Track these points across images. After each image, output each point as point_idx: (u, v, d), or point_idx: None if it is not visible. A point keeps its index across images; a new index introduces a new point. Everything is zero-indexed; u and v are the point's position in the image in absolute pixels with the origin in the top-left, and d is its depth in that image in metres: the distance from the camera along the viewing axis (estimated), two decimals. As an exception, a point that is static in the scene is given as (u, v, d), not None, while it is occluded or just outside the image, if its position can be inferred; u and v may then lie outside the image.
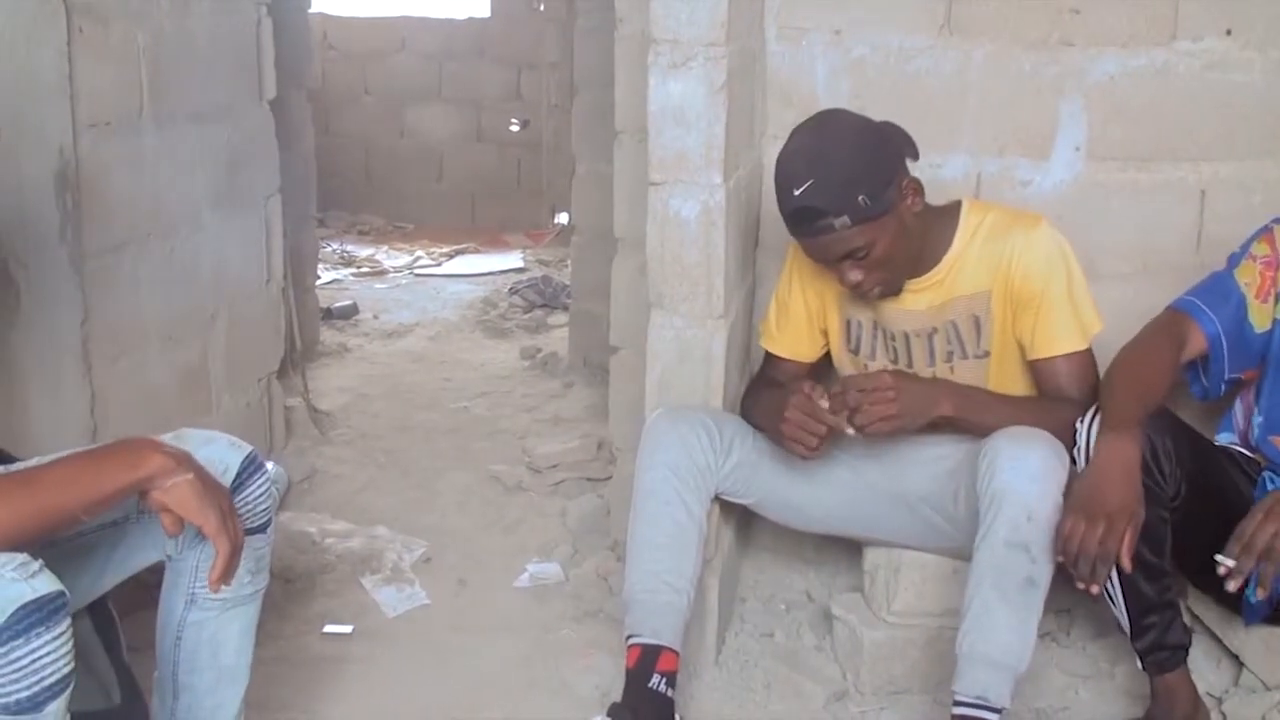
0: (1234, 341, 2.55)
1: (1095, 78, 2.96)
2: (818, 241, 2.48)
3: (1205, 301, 2.56)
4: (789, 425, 2.51)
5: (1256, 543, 2.14)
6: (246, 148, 3.75)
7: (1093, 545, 2.18)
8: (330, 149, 8.48)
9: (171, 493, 1.82)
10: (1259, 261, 2.55)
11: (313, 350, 5.43)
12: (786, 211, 2.47)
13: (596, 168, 4.77)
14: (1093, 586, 2.22)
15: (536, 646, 2.97)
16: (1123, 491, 2.22)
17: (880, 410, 2.42)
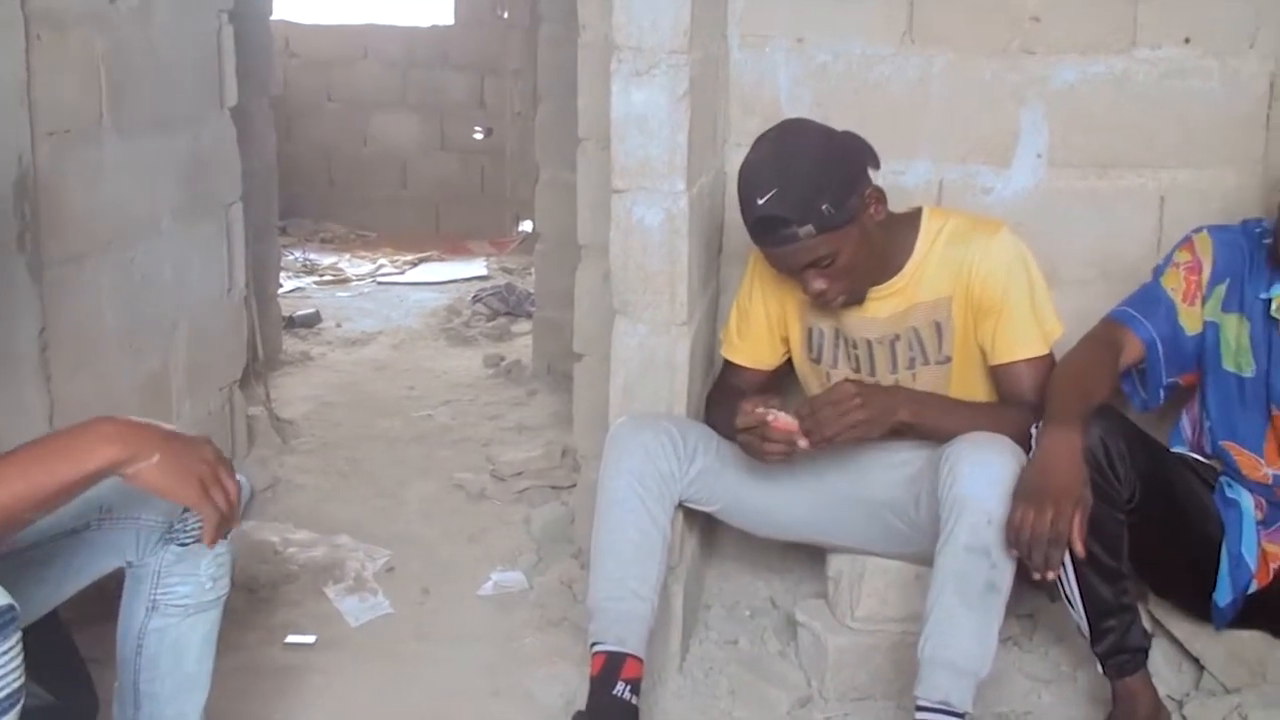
0: (1169, 345, 2.61)
1: (1056, 85, 2.99)
2: (782, 251, 2.48)
3: (1138, 310, 2.63)
4: (745, 447, 2.52)
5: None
6: (208, 156, 3.73)
7: (1043, 530, 2.20)
8: (293, 157, 8.44)
9: (139, 479, 1.74)
10: (1182, 268, 2.63)
11: (275, 359, 5.40)
12: (750, 221, 2.47)
13: (560, 175, 4.77)
14: (1048, 573, 2.24)
15: (500, 655, 2.96)
16: (1068, 477, 2.25)
17: (851, 419, 2.43)
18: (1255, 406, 2.57)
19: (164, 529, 2.05)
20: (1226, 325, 2.58)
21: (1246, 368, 2.57)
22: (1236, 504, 2.57)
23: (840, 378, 2.73)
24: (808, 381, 2.85)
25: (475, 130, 9.31)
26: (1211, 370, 2.62)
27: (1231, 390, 2.60)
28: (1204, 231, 2.64)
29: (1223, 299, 2.58)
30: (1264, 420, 2.56)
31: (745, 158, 2.51)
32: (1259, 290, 2.55)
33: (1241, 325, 2.57)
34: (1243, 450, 2.59)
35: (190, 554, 2.06)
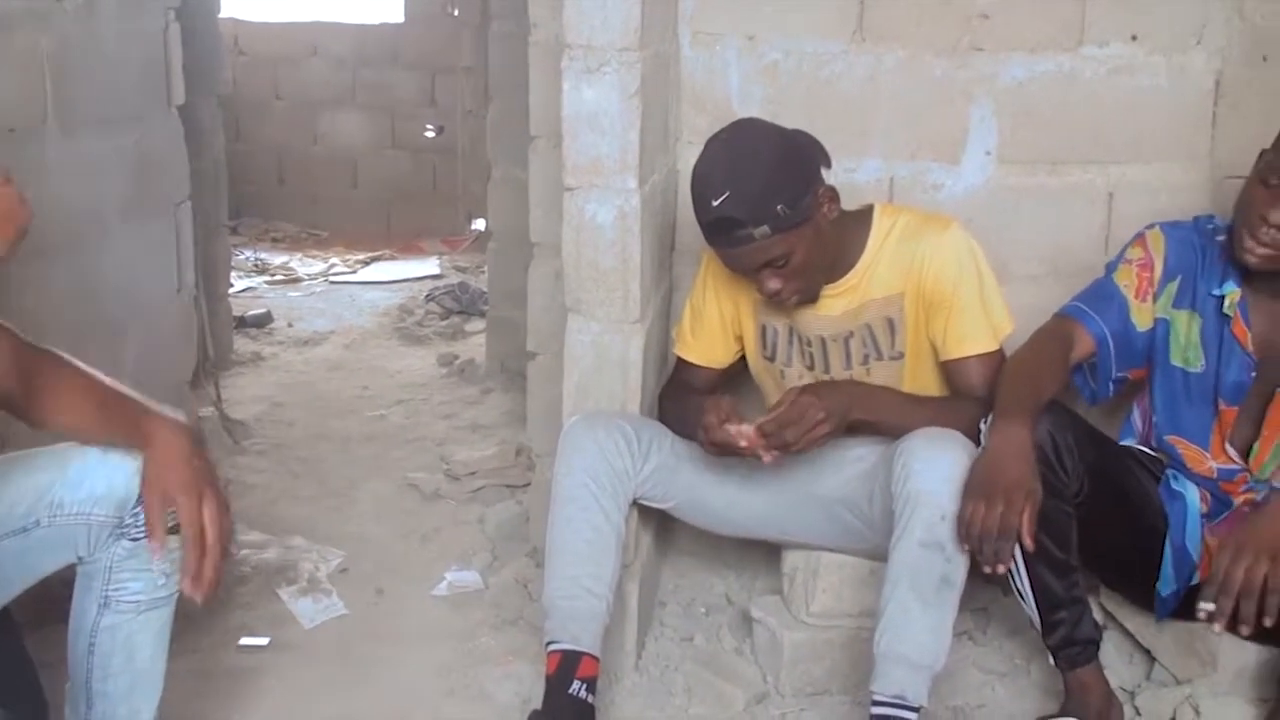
0: (1120, 341, 2.62)
1: (1005, 82, 3.01)
2: (737, 252, 2.49)
3: (1090, 306, 2.64)
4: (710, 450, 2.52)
5: (1232, 583, 2.14)
6: (155, 155, 3.70)
7: (993, 524, 2.22)
8: (242, 156, 8.37)
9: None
10: (1134, 264, 2.64)
11: (226, 359, 5.36)
12: (705, 222, 2.47)
13: (512, 173, 4.76)
14: (998, 567, 2.25)
15: (456, 655, 2.95)
16: (1017, 471, 2.26)
17: (815, 433, 2.43)
18: (1202, 401, 2.60)
19: (115, 524, 2.03)
20: (1177, 321, 2.61)
21: (1195, 363, 2.59)
22: (1182, 497, 2.60)
23: (795, 375, 2.74)
24: (762, 378, 2.85)
25: (427, 128, 9.27)
26: (1159, 365, 2.64)
27: (1178, 385, 2.62)
28: (1156, 228, 2.66)
29: (1174, 296, 2.60)
30: (1211, 415, 2.59)
31: (697, 159, 2.51)
32: (1211, 287, 2.57)
33: (1192, 321, 2.59)
34: (1188, 444, 2.62)
35: (142, 549, 2.04)
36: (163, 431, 2.02)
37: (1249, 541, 2.16)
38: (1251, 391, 2.56)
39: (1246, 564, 2.14)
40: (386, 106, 9.35)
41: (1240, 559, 2.14)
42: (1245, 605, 2.13)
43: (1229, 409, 2.57)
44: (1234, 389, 2.56)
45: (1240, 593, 2.14)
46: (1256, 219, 2.40)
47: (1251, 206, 2.41)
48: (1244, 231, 2.43)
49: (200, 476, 2.00)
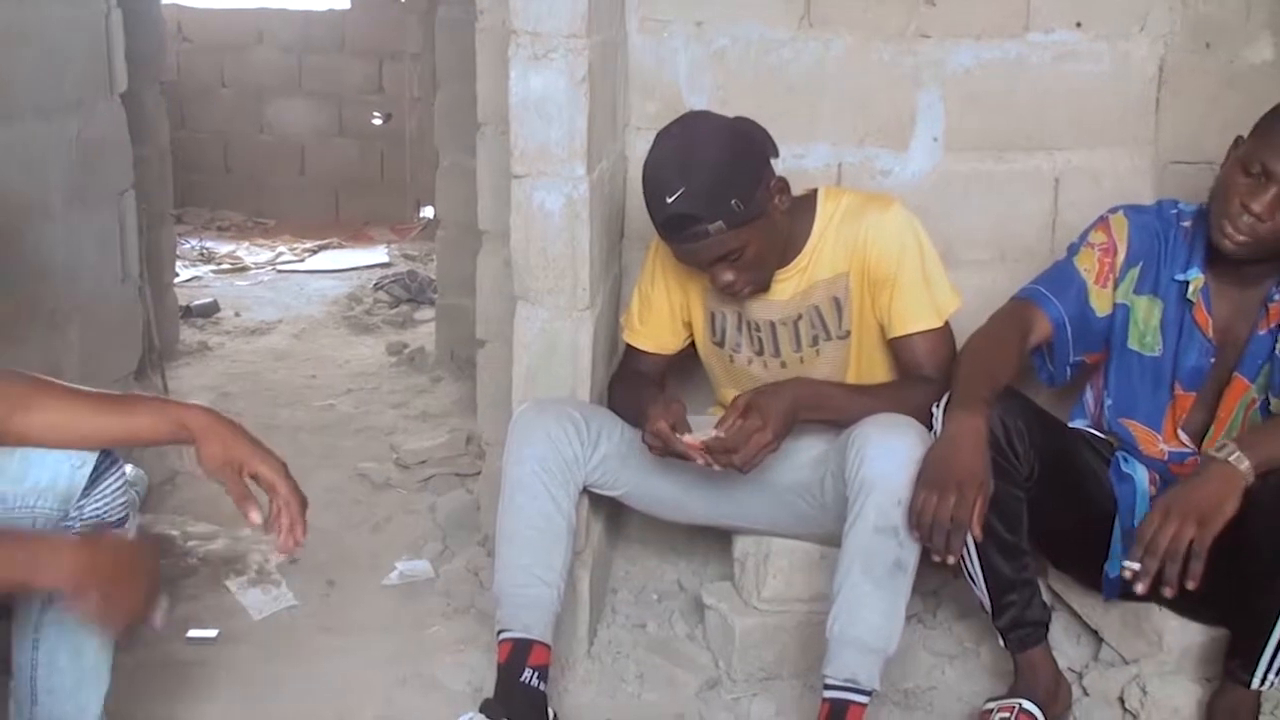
0: (1078, 326, 2.63)
1: (951, 69, 3.02)
2: (692, 247, 2.49)
3: (1049, 289, 2.64)
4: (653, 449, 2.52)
5: (1159, 544, 2.16)
6: (98, 143, 3.65)
7: (945, 516, 2.23)
8: (187, 144, 8.31)
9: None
10: (1097, 249, 2.64)
11: (172, 349, 5.31)
12: (659, 220, 2.47)
13: (460, 160, 4.74)
14: (948, 557, 2.27)
15: (407, 644, 2.94)
16: (970, 462, 2.27)
17: (758, 441, 2.42)
18: (1158, 385, 2.61)
19: (60, 518, 2.01)
20: (1137, 307, 2.61)
21: (1152, 348, 2.60)
22: (1131, 479, 2.62)
23: (744, 360, 2.75)
24: (711, 363, 2.86)
25: (374, 116, 9.23)
26: (1116, 349, 2.65)
27: (1134, 369, 2.63)
28: (1120, 212, 2.65)
29: (1136, 281, 2.61)
30: (1166, 399, 2.61)
31: (649, 155, 2.50)
32: (1174, 272, 2.58)
33: (1153, 306, 2.60)
34: (1141, 427, 2.64)
35: None
36: (205, 416, 2.06)
37: (1176, 504, 2.19)
38: (1209, 377, 2.58)
39: (1173, 527, 2.17)
40: (333, 93, 9.31)
41: (1168, 522, 2.18)
42: (1169, 568, 2.17)
43: (1185, 394, 2.59)
44: (1192, 374, 2.58)
45: (1165, 555, 2.17)
46: (1236, 207, 2.40)
47: (1231, 194, 2.41)
48: (1222, 218, 2.43)
49: (261, 443, 2.08)
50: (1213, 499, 2.19)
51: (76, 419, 1.97)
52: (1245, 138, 2.46)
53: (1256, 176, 2.38)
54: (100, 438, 2.00)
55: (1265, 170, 2.36)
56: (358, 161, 9.31)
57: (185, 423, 2.03)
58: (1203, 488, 2.22)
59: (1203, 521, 2.16)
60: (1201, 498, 2.19)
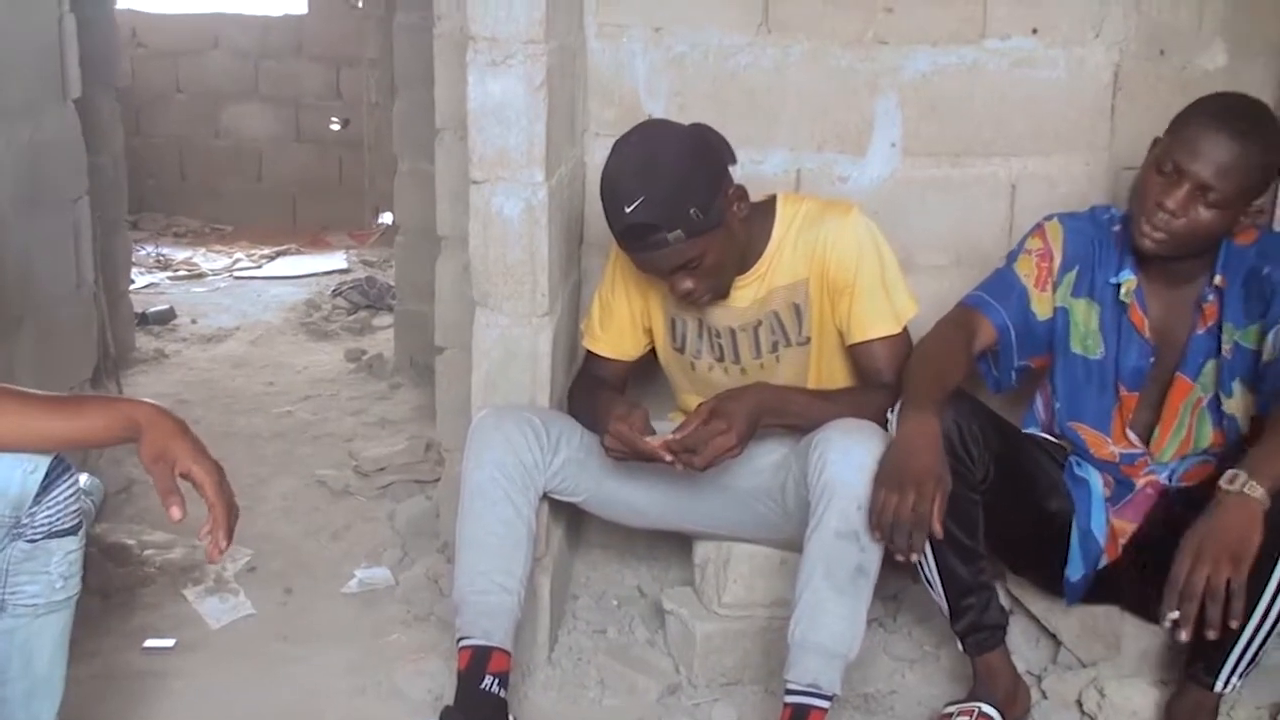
0: (1021, 331, 2.65)
1: (909, 75, 3.03)
2: (651, 256, 2.49)
3: (991, 295, 2.67)
4: (611, 452, 2.53)
5: (1195, 589, 2.12)
6: (51, 148, 3.62)
7: (905, 514, 2.24)
8: (142, 150, 8.25)
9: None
10: (1034, 255, 2.67)
11: (128, 357, 5.27)
12: (618, 229, 2.47)
13: (419, 166, 4.72)
14: (911, 555, 2.27)
15: (367, 652, 2.92)
16: (927, 460, 2.28)
17: (720, 444, 2.43)
18: (1103, 387, 2.64)
19: (11, 524, 1.98)
20: (1076, 310, 2.65)
21: (1094, 350, 2.64)
22: (1086, 482, 2.64)
23: (705, 366, 2.76)
24: (671, 369, 2.86)
25: (332, 121, 9.18)
26: (1060, 353, 2.68)
27: (1079, 372, 2.66)
28: (1054, 219, 2.69)
29: (1073, 285, 2.64)
30: (1112, 400, 2.64)
31: (607, 164, 2.50)
32: (1109, 275, 2.61)
33: (1090, 310, 2.63)
34: (1090, 430, 2.66)
35: (39, 551, 2.00)
36: (152, 412, 2.03)
37: (1206, 547, 2.14)
38: (1150, 377, 2.60)
39: (1207, 569, 2.12)
40: (290, 99, 9.25)
41: (1201, 565, 2.12)
42: (1212, 611, 2.11)
43: (1129, 395, 2.62)
44: (1133, 375, 2.61)
45: (1205, 598, 2.12)
46: (1151, 205, 2.44)
47: (1146, 193, 2.46)
48: (1140, 218, 2.47)
49: (202, 445, 2.05)
50: (1239, 534, 2.14)
51: (27, 422, 1.95)
52: (1161, 137, 2.50)
53: (1169, 174, 2.42)
54: (52, 440, 1.97)
55: (1177, 168, 2.40)
56: (315, 167, 9.25)
57: (133, 418, 2.00)
58: (1226, 525, 2.16)
59: (1235, 559, 2.12)
60: (1228, 535, 2.14)
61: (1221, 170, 2.37)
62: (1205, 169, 2.38)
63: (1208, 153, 2.38)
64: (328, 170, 9.23)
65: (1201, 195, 2.39)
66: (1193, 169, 2.38)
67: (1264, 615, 2.28)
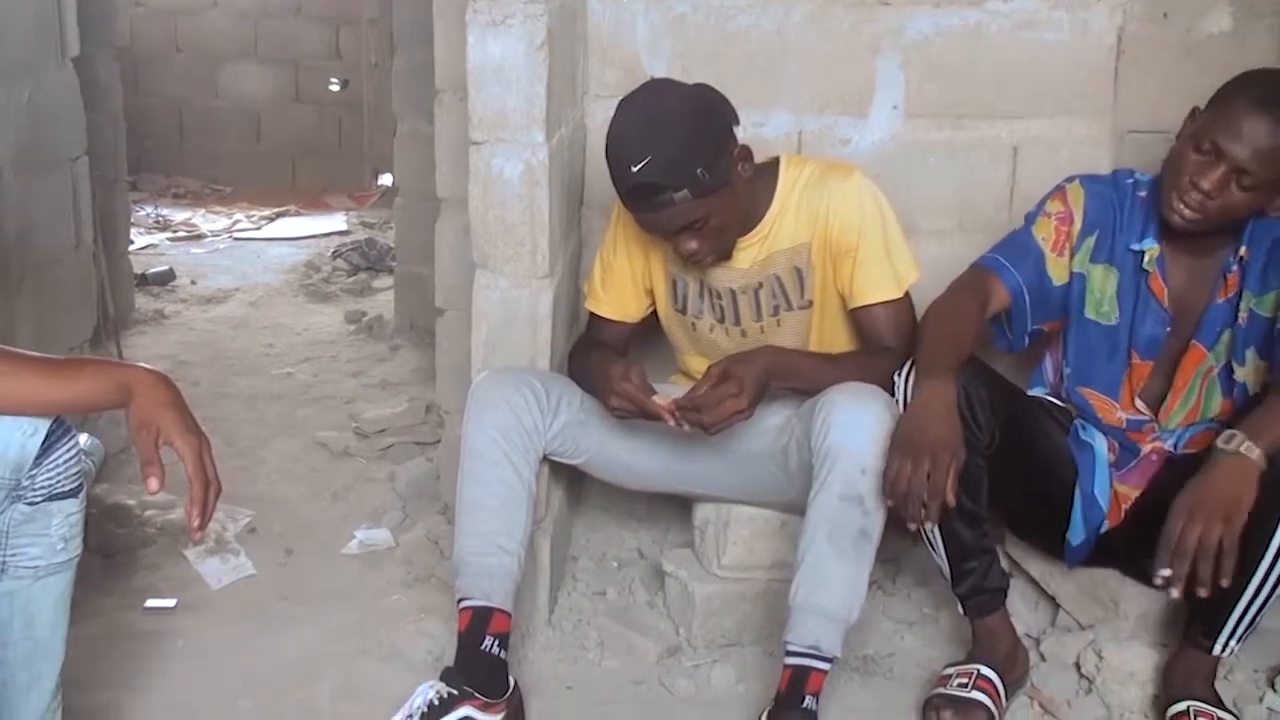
0: (1035, 295, 2.63)
1: (911, 36, 3.02)
2: (656, 216, 2.48)
3: (1007, 258, 2.64)
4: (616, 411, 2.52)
5: (1187, 547, 2.14)
6: (49, 108, 3.61)
7: (920, 483, 2.23)
8: (141, 109, 8.22)
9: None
10: (1053, 218, 2.64)
11: (127, 318, 5.27)
12: (625, 189, 2.46)
13: (418, 127, 4.71)
14: (926, 523, 2.27)
15: (367, 613, 2.93)
16: (943, 429, 2.27)
17: (731, 406, 2.42)
18: (1115, 354, 2.62)
19: (11, 487, 1.98)
20: (1093, 276, 2.62)
21: (1110, 316, 2.61)
22: (1090, 447, 2.64)
23: (706, 327, 2.75)
24: (673, 330, 2.85)
25: (331, 82, 9.15)
26: (1074, 318, 2.65)
27: (1092, 338, 2.64)
28: (1076, 182, 2.65)
29: (1092, 250, 2.61)
30: (1123, 367, 2.62)
31: (612, 124, 2.49)
32: (1130, 241, 2.58)
33: (1108, 276, 2.61)
34: (1099, 395, 2.65)
35: (40, 513, 2.00)
36: (145, 378, 2.00)
37: (1199, 505, 2.16)
38: (1165, 346, 2.59)
39: (1199, 528, 2.14)
40: (290, 59, 9.22)
41: (1193, 524, 2.14)
42: (1202, 568, 2.14)
43: (1142, 363, 2.61)
44: (1148, 343, 2.59)
45: (1196, 556, 2.14)
46: (1185, 183, 2.40)
47: (1182, 169, 2.42)
48: (1172, 193, 2.44)
49: (194, 420, 2.01)
50: (1232, 493, 2.16)
51: (21, 385, 1.93)
52: (1201, 110, 2.46)
53: (1207, 154, 2.38)
54: (46, 404, 1.96)
55: (1215, 148, 2.37)
56: (315, 128, 9.23)
57: (126, 383, 1.98)
58: (1220, 483, 2.19)
59: (1228, 518, 2.14)
60: (1222, 494, 2.17)
61: (1261, 155, 2.34)
62: (1244, 151, 2.34)
63: (1249, 135, 2.34)
64: (327, 131, 9.21)
65: (1237, 177, 2.36)
66: (1232, 150, 2.34)
67: (1263, 579, 2.29)
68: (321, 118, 9.23)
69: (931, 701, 2.50)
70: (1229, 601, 2.32)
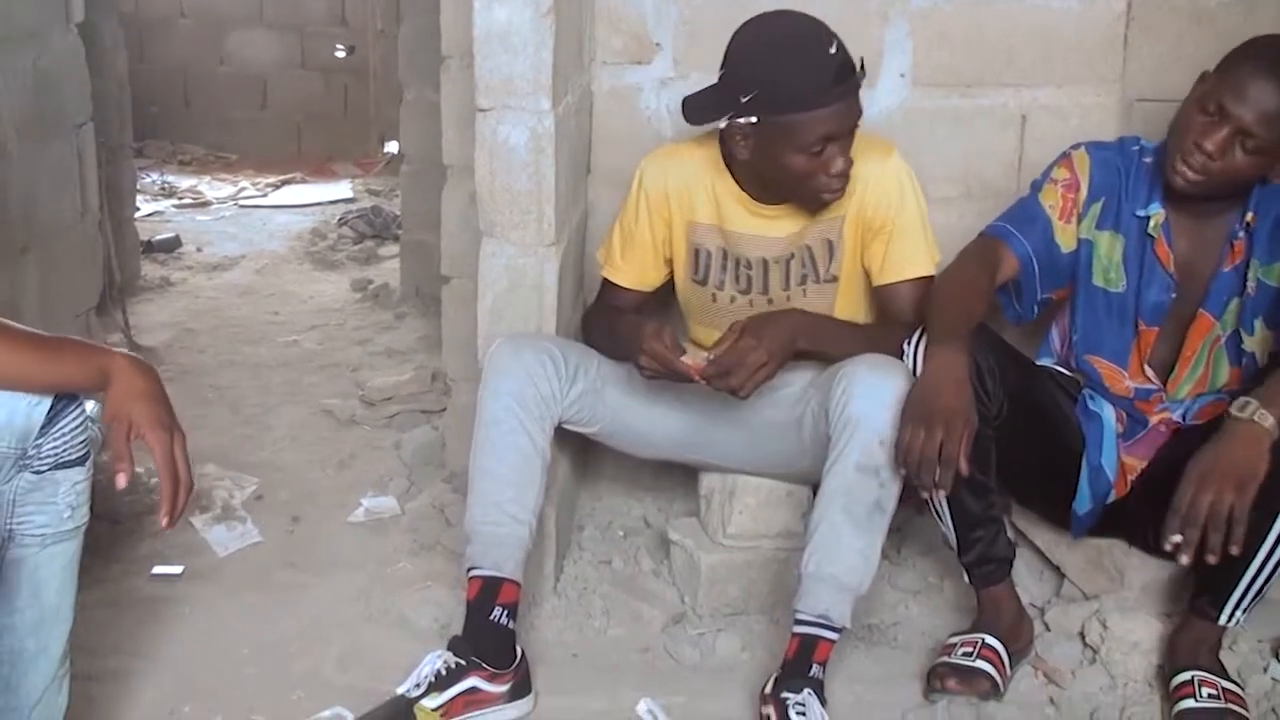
0: (1044, 262, 2.62)
1: (919, 4, 2.99)
2: (850, 104, 2.48)
3: (1015, 226, 2.63)
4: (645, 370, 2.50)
5: (1199, 514, 2.15)
6: (54, 74, 3.59)
7: (933, 451, 2.23)
8: (146, 76, 8.20)
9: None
10: (1060, 185, 2.63)
11: (133, 285, 5.27)
12: (830, 74, 2.43)
13: (425, 94, 4.69)
14: (939, 491, 2.28)
15: (373, 581, 2.93)
16: (955, 398, 2.27)
17: (754, 360, 2.41)
18: (1123, 321, 2.62)
19: (17, 456, 1.98)
20: (1100, 243, 2.62)
21: (1116, 283, 2.61)
22: (1098, 416, 2.63)
23: (726, 299, 2.74)
24: (689, 302, 2.83)
25: (337, 48, 9.12)
26: (1082, 286, 2.65)
27: (1099, 305, 2.64)
28: (1082, 149, 2.65)
29: (1098, 217, 2.61)
30: (1131, 334, 2.62)
31: (772, 29, 2.51)
32: (1136, 207, 2.58)
33: (1114, 242, 2.60)
34: (1107, 364, 2.65)
35: (46, 481, 2.00)
36: (124, 366, 1.98)
37: (1211, 472, 2.16)
38: (1171, 313, 2.58)
39: (1210, 495, 2.15)
40: (295, 25, 9.18)
41: (1205, 490, 2.15)
42: (1213, 536, 2.14)
43: (1149, 329, 2.60)
44: (1154, 309, 2.59)
45: (1207, 523, 2.15)
46: (1190, 144, 2.40)
47: (1187, 131, 2.42)
48: (1175, 154, 2.44)
49: (170, 413, 2.00)
50: (1245, 461, 2.17)
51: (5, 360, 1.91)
52: (1209, 73, 2.46)
53: (1212, 115, 2.38)
54: (28, 382, 1.94)
55: (1220, 109, 2.37)
56: (321, 95, 9.20)
57: (106, 369, 1.97)
58: (1233, 451, 2.19)
59: (1240, 486, 2.15)
60: (1234, 461, 2.17)
61: (1265, 117, 2.34)
62: (1249, 113, 2.34)
63: (1255, 98, 2.34)
64: (333, 98, 9.19)
65: (1241, 140, 2.36)
66: (1237, 112, 2.34)
67: (1272, 549, 2.29)
68: (327, 84, 9.21)
69: (936, 670, 2.51)
70: (1236, 571, 2.33)
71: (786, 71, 2.44)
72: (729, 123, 2.49)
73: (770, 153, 2.49)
